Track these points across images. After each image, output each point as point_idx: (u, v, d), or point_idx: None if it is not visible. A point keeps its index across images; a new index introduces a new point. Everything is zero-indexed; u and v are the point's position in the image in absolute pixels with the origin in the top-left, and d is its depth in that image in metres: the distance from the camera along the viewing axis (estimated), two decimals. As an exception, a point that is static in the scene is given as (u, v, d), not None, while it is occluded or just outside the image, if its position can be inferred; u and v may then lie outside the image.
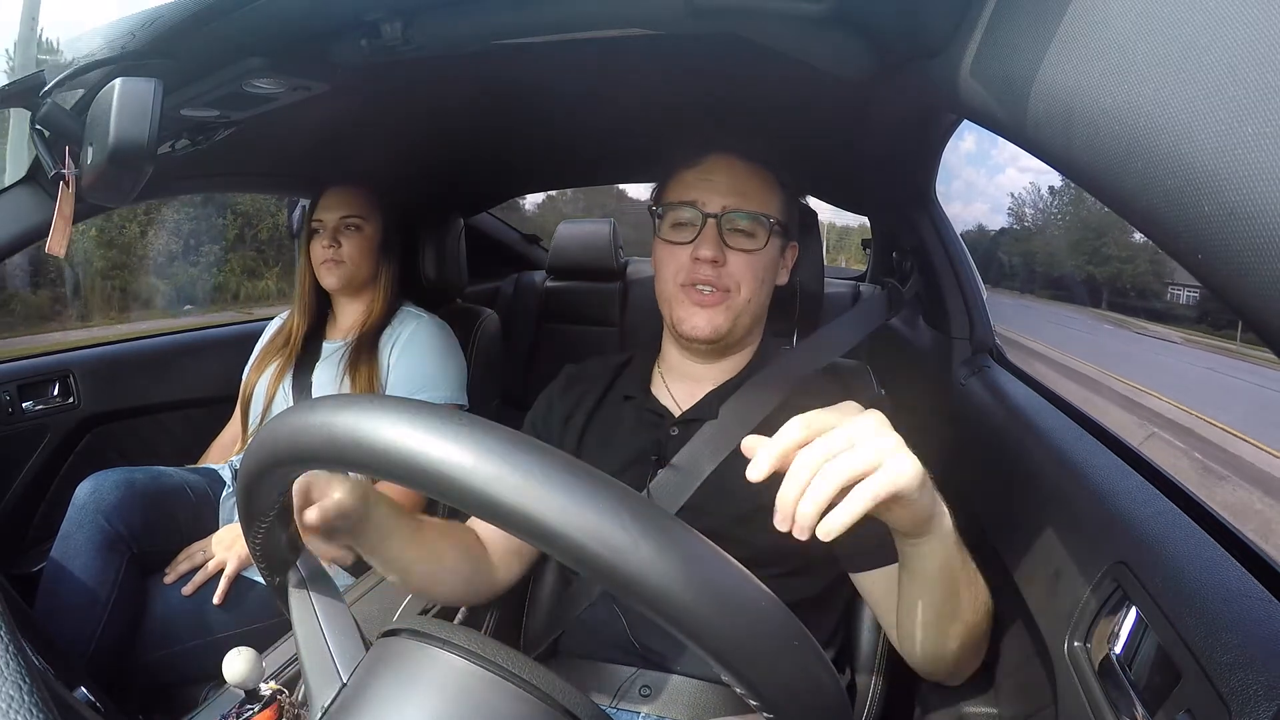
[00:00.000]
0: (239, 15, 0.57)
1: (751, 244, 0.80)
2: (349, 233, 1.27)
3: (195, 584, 1.10)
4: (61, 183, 0.72)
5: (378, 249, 1.31)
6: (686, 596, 0.29)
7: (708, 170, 0.81)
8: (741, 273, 0.80)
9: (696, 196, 0.80)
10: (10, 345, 5.06)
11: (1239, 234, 0.23)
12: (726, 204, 0.79)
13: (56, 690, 0.58)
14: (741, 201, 0.80)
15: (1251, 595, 0.47)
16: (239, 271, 7.56)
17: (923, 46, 0.46)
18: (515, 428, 0.35)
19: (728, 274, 0.79)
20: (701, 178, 0.81)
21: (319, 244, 1.27)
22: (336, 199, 1.28)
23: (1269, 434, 4.76)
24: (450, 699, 0.38)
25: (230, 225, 7.61)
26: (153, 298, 6.89)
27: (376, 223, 1.31)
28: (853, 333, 0.95)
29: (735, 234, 0.80)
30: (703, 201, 0.79)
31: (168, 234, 7.02)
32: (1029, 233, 15.00)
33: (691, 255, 0.79)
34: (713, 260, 0.78)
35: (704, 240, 0.78)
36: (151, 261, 6.91)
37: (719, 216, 0.79)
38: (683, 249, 0.80)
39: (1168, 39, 0.26)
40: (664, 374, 0.89)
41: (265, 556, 0.50)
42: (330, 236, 1.26)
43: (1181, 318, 10.15)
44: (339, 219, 1.27)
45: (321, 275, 1.28)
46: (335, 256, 1.26)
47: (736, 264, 0.79)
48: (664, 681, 0.74)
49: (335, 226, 1.27)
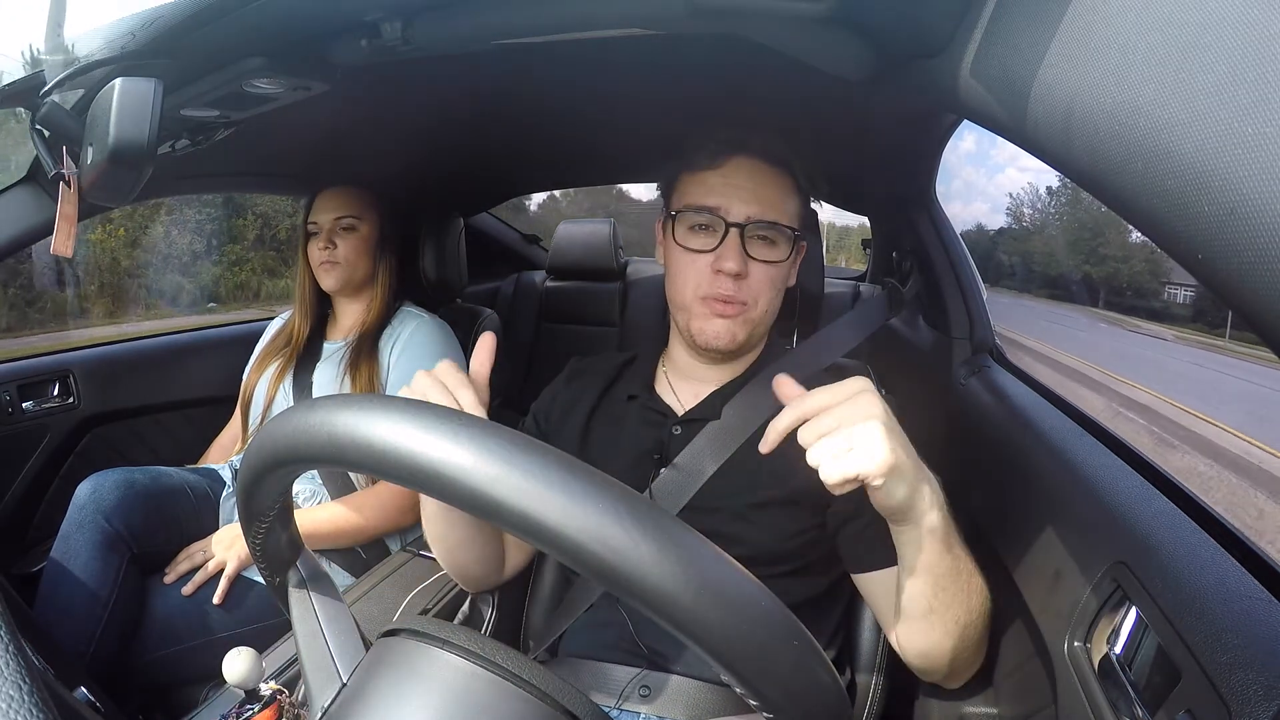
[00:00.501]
0: (239, 15, 0.57)
1: (774, 254, 0.78)
2: (344, 234, 1.28)
3: (195, 584, 1.10)
4: (63, 183, 0.72)
5: (374, 248, 1.31)
6: (687, 597, 0.29)
7: (730, 173, 0.78)
8: (762, 286, 0.78)
9: (719, 203, 0.77)
10: (43, 341, 5.23)
11: (1239, 234, 0.23)
12: (750, 213, 0.76)
13: (56, 690, 0.58)
14: (765, 210, 0.77)
15: (1251, 595, 0.47)
16: (259, 271, 7.90)
17: (923, 46, 0.46)
18: (515, 428, 0.35)
19: (748, 287, 0.77)
20: (725, 181, 0.77)
21: (315, 246, 1.27)
22: (330, 200, 1.29)
23: (1224, 415, 5.53)
24: (450, 699, 0.38)
25: (250, 225, 7.86)
26: (179, 295, 7.23)
27: (372, 222, 1.31)
28: (853, 333, 0.95)
29: (757, 242, 0.77)
30: (725, 209, 0.76)
31: (191, 234, 7.32)
32: (1027, 232, 15.06)
33: (713, 267, 0.77)
34: (736, 274, 0.76)
35: (727, 252, 0.76)
36: (177, 261, 7.24)
37: (743, 227, 0.76)
38: (702, 258, 0.77)
39: (1168, 39, 0.26)
40: (669, 373, 0.89)
41: (265, 556, 0.50)
42: (326, 238, 1.26)
43: (1176, 316, 10.36)
44: (334, 220, 1.27)
45: (320, 277, 1.29)
46: (332, 258, 1.26)
47: (758, 276, 0.78)
48: (664, 682, 0.74)
49: (330, 228, 1.27)
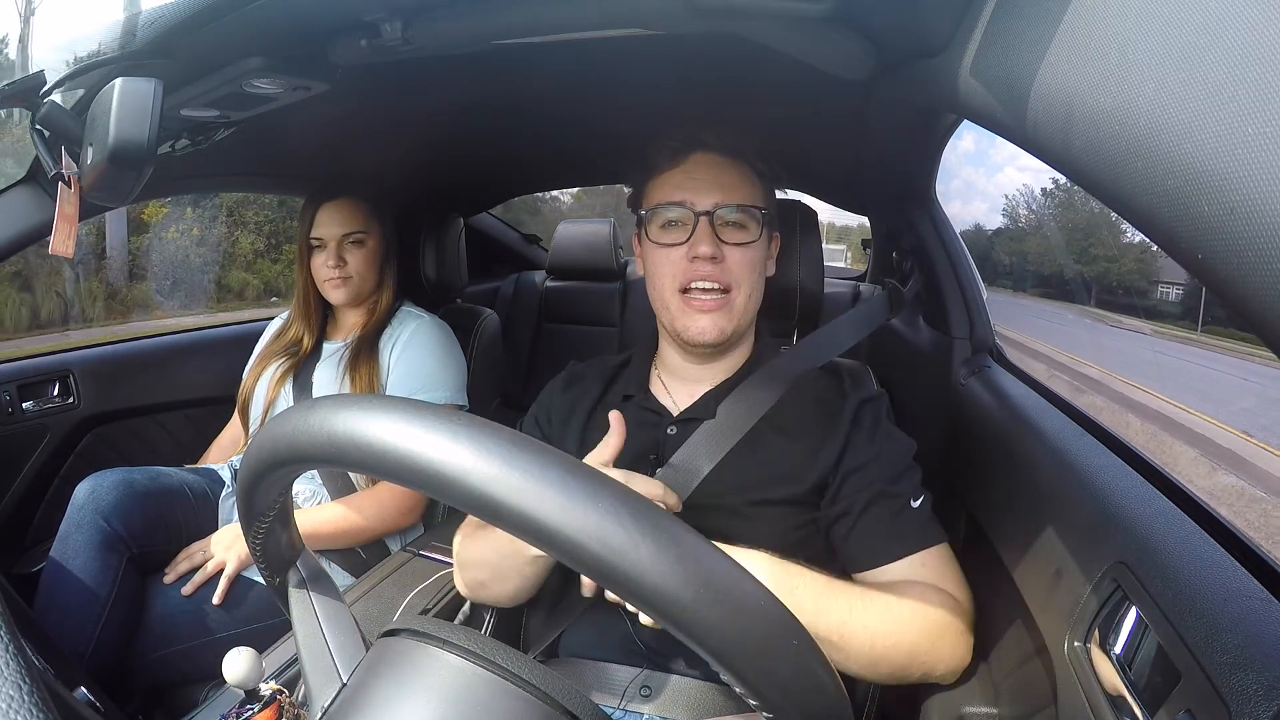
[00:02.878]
0: (239, 15, 0.58)
1: (745, 236, 0.80)
2: (353, 249, 1.26)
3: (195, 584, 1.10)
4: (62, 183, 0.72)
5: (381, 259, 1.30)
6: (686, 596, 0.29)
7: (692, 168, 0.81)
8: (740, 268, 0.80)
9: (685, 196, 0.79)
10: (124, 329, 5.78)
11: (1239, 234, 0.23)
12: (716, 199, 0.79)
13: (56, 690, 0.58)
14: (729, 195, 0.79)
15: (1251, 595, 0.47)
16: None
17: (923, 46, 0.46)
18: (514, 428, 0.35)
19: (727, 270, 0.79)
20: (688, 176, 0.80)
21: (321, 262, 1.25)
22: (335, 215, 1.25)
23: (1182, 396, 6.20)
24: (450, 699, 0.38)
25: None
26: (244, 290, 7.77)
27: (378, 234, 1.29)
28: (852, 332, 0.95)
29: (728, 228, 0.80)
30: (692, 200, 0.79)
31: (252, 234, 7.87)
32: (1022, 232, 15.22)
33: (688, 255, 0.78)
34: (711, 257, 0.78)
35: (700, 238, 0.78)
36: (241, 258, 7.79)
37: (711, 213, 0.78)
38: (676, 250, 0.79)
39: (1168, 39, 0.26)
40: (661, 374, 0.89)
41: (265, 556, 0.50)
42: (335, 255, 1.24)
43: (1165, 314, 10.73)
44: (341, 236, 1.25)
45: (327, 292, 1.26)
46: (342, 274, 1.24)
47: (735, 259, 0.79)
48: (664, 681, 0.74)
49: (338, 244, 1.24)
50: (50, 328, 6.04)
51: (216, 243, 7.59)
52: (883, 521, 0.73)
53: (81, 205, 0.75)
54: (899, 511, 0.74)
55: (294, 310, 1.34)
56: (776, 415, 0.81)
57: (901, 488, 0.75)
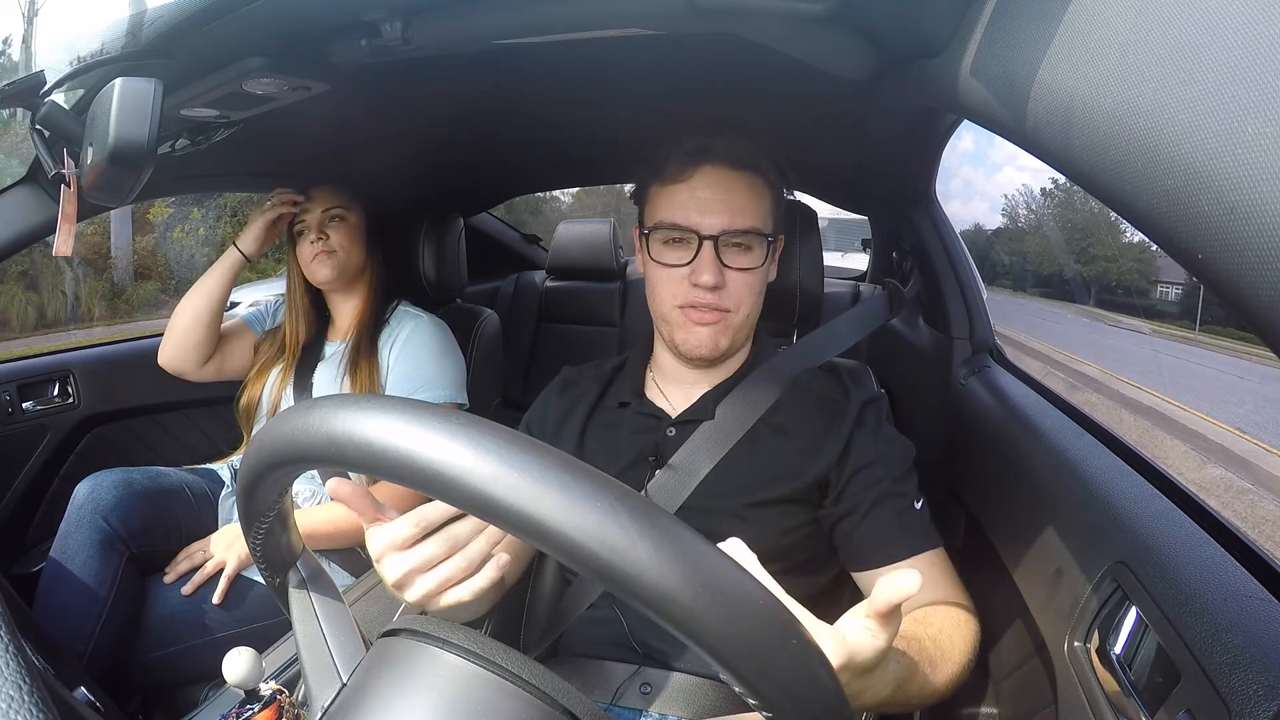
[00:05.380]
0: (239, 15, 0.57)
1: (749, 261, 0.79)
2: (335, 224, 1.27)
3: (195, 584, 1.09)
4: (64, 184, 0.72)
5: (364, 236, 1.31)
6: (685, 595, 0.29)
7: (699, 186, 0.77)
8: (741, 291, 0.79)
9: (690, 219, 0.77)
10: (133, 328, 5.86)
11: (1239, 233, 0.23)
12: (723, 224, 0.76)
13: (56, 690, 0.58)
14: (736, 219, 0.77)
15: (1251, 595, 0.47)
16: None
17: (923, 46, 0.46)
18: (514, 428, 0.35)
19: (727, 295, 0.78)
20: (694, 195, 0.77)
21: (306, 242, 1.26)
22: (314, 199, 1.28)
23: (1177, 393, 6.24)
24: (450, 699, 0.38)
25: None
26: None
27: (358, 212, 1.31)
28: (852, 332, 0.95)
29: (732, 250, 0.78)
30: (697, 224, 0.76)
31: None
32: (1022, 232, 15.26)
33: (690, 280, 0.77)
34: (714, 286, 0.76)
35: (703, 265, 0.76)
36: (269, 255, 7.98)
37: (716, 239, 0.76)
38: (678, 271, 0.78)
39: (1168, 39, 0.26)
40: (657, 378, 0.89)
41: (265, 556, 0.50)
42: (317, 231, 1.25)
43: (1164, 314, 10.88)
44: (321, 213, 1.27)
45: (313, 271, 1.27)
46: (325, 248, 1.25)
47: (737, 283, 0.78)
48: (664, 680, 0.74)
49: (320, 221, 1.26)
50: (56, 327, 6.10)
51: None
52: (889, 521, 0.73)
53: (81, 205, 0.75)
54: (904, 512, 0.74)
55: (286, 310, 1.34)
56: (776, 415, 0.81)
57: (905, 489, 0.75)
